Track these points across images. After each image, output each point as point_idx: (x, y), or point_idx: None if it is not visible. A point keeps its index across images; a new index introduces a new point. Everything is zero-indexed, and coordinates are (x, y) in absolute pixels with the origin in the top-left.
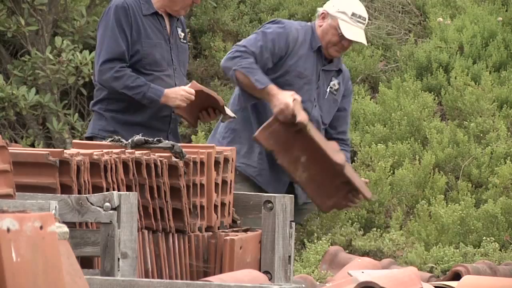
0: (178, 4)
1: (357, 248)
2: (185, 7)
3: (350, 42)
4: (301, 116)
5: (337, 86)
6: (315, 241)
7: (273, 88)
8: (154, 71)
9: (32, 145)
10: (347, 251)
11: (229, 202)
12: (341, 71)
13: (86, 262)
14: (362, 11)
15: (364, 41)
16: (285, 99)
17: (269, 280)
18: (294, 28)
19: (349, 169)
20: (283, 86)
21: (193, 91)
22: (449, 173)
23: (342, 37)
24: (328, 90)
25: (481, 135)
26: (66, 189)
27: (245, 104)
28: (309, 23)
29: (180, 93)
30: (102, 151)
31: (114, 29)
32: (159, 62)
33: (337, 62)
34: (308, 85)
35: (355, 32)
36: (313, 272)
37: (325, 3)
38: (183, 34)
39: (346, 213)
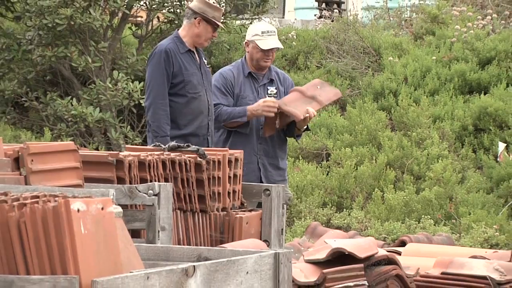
0: (202, 38)
1: (333, 224)
2: (207, 39)
3: (269, 50)
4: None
5: (275, 91)
6: (303, 219)
7: (249, 109)
8: (194, 93)
9: (97, 149)
10: (323, 225)
11: (239, 190)
12: (273, 80)
13: (135, 234)
14: (269, 27)
15: (278, 46)
16: (260, 107)
17: (267, 246)
18: (228, 70)
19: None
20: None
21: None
22: (397, 169)
23: (262, 50)
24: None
25: (420, 141)
26: (121, 180)
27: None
28: (239, 60)
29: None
30: (147, 153)
31: (160, 72)
32: (196, 86)
33: (268, 75)
34: (253, 101)
35: (269, 43)
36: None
37: (311, 49)
38: (206, 61)
39: (322, 196)
